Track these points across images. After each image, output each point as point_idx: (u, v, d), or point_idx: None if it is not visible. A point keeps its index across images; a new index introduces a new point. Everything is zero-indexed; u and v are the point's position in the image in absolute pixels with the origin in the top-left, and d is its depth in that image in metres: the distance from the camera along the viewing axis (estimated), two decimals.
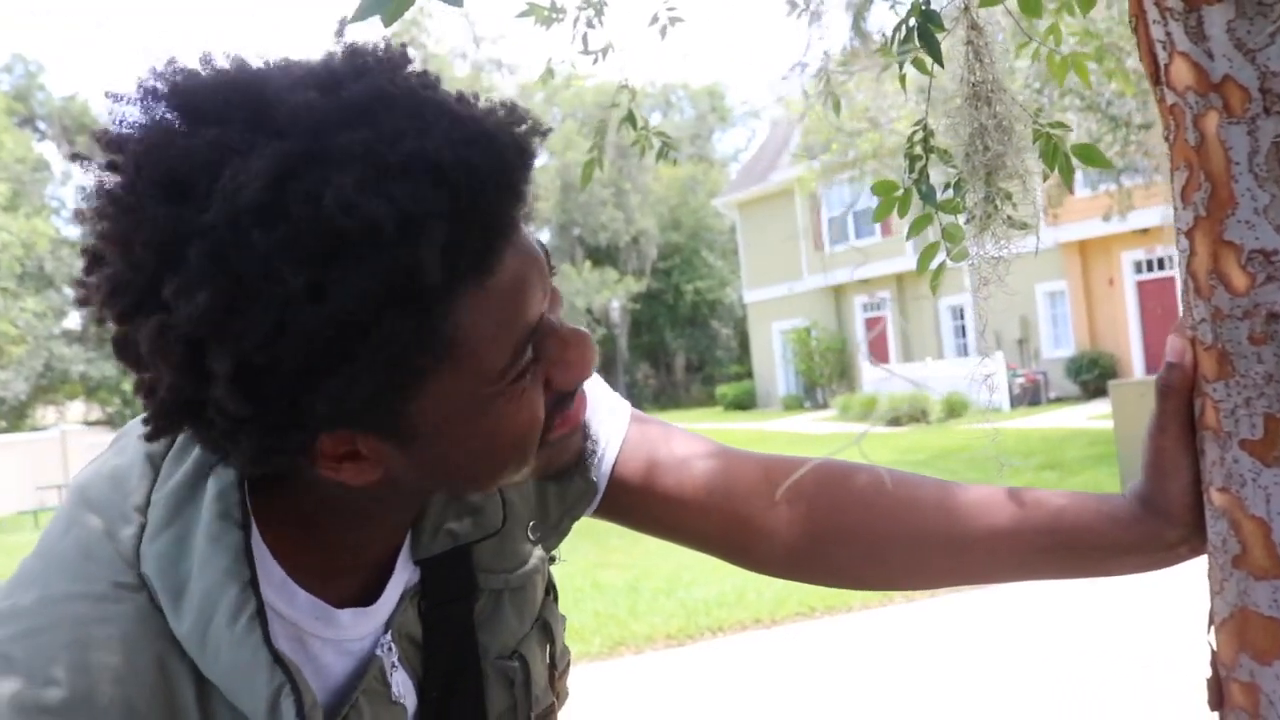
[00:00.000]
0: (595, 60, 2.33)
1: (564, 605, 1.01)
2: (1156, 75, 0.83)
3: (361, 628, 0.92)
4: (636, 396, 39.44)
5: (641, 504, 1.08)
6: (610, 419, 1.09)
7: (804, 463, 1.07)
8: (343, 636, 0.91)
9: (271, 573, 0.86)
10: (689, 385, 41.26)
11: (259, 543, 0.86)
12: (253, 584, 0.80)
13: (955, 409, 20.27)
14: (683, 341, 40.90)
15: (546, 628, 1.08)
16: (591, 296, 35.97)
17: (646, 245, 39.91)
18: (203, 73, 0.76)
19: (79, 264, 0.79)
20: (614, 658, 6.36)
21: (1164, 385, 0.85)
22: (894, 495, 1.02)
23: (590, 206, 38.61)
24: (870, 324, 28.15)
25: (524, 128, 0.78)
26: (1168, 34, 0.80)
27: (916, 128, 1.49)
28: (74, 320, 33.87)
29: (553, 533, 1.08)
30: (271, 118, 0.72)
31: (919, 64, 1.43)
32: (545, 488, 1.05)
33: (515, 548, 1.03)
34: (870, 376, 24.80)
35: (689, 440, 1.10)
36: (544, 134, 0.80)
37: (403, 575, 0.96)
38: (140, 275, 0.71)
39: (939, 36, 1.37)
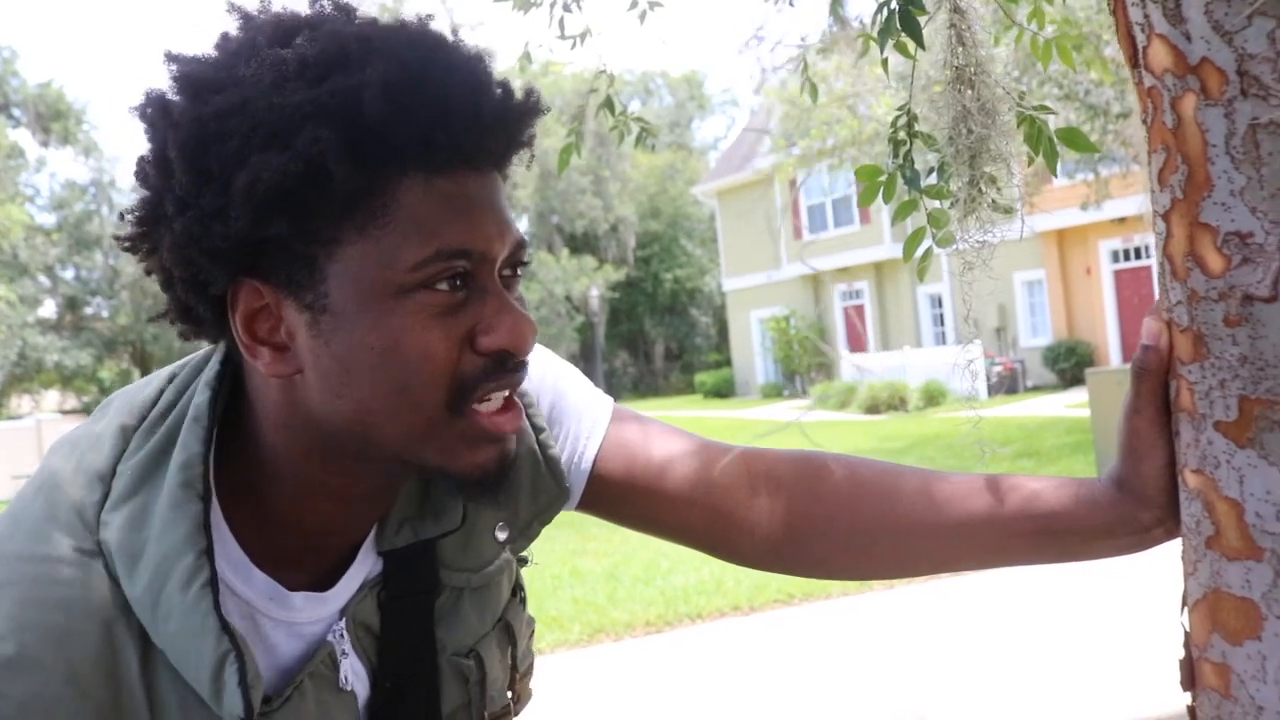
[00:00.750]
0: (573, 45, 2.32)
1: (542, 593, 1.01)
2: (1135, 58, 0.83)
3: (314, 612, 0.93)
4: (615, 385, 39.44)
5: (622, 499, 1.08)
6: (590, 414, 1.09)
7: (785, 454, 1.08)
8: (295, 619, 0.92)
9: (230, 550, 0.88)
10: (668, 373, 41.27)
11: (219, 519, 0.88)
12: (208, 553, 0.82)
13: (934, 397, 20.34)
14: (662, 330, 40.89)
15: (509, 629, 1.08)
16: (570, 284, 35.89)
17: (625, 233, 39.85)
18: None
19: (53, 252, 0.83)
20: (593, 645, 6.36)
21: (1139, 367, 0.85)
22: (872, 485, 1.03)
23: (569, 194, 38.51)
24: (849, 314, 28.20)
25: (514, 87, 0.86)
26: (1146, 16, 0.80)
27: (900, 112, 1.49)
28: (49, 309, 33.72)
29: (522, 535, 1.07)
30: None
31: (901, 48, 1.43)
32: (518, 489, 1.04)
33: (480, 547, 1.03)
34: (848, 365, 24.84)
35: (669, 435, 1.10)
36: (536, 102, 0.87)
37: (364, 566, 0.97)
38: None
39: (920, 20, 1.37)
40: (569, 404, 1.09)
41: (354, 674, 0.95)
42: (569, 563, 8.23)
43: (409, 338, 0.81)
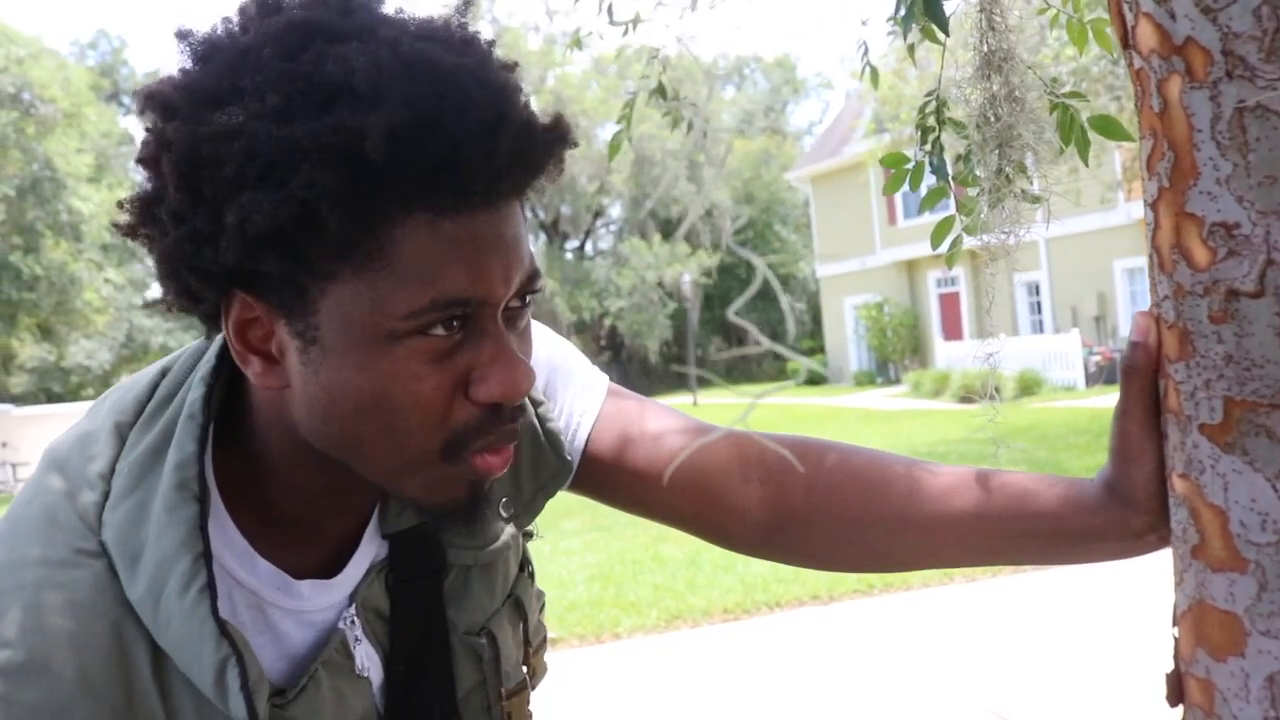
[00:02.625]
0: (625, 32, 2.29)
1: (623, 578, 1.00)
2: (1126, 39, 0.78)
3: (323, 599, 0.92)
4: (707, 370, 39.32)
5: (615, 480, 1.07)
6: (586, 393, 1.08)
7: (778, 439, 1.05)
8: (303, 607, 0.91)
9: (233, 541, 0.87)
10: (760, 360, 41.07)
11: (221, 511, 0.87)
12: (205, 557, 0.81)
13: (1029, 386, 19.95)
14: (755, 315, 40.64)
15: (519, 605, 1.07)
16: (663, 270, 35.86)
17: (720, 219, 39.72)
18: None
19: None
20: (671, 631, 6.36)
21: (1128, 365, 0.81)
22: (863, 476, 1.00)
23: (663, 180, 38.47)
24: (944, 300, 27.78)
25: (545, 123, 0.80)
26: None
27: (928, 98, 1.45)
28: (155, 291, 34.57)
29: (525, 510, 1.07)
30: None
31: (929, 33, 1.38)
32: (519, 465, 1.04)
33: (485, 524, 1.02)
34: (943, 353, 24.48)
35: (663, 416, 1.08)
36: (564, 132, 0.81)
37: (369, 549, 0.96)
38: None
39: (950, 4, 1.32)
40: (563, 379, 1.08)
41: (367, 659, 0.95)
42: (651, 549, 8.23)
43: (398, 385, 0.78)
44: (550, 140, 0.80)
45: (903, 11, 1.39)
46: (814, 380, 31.63)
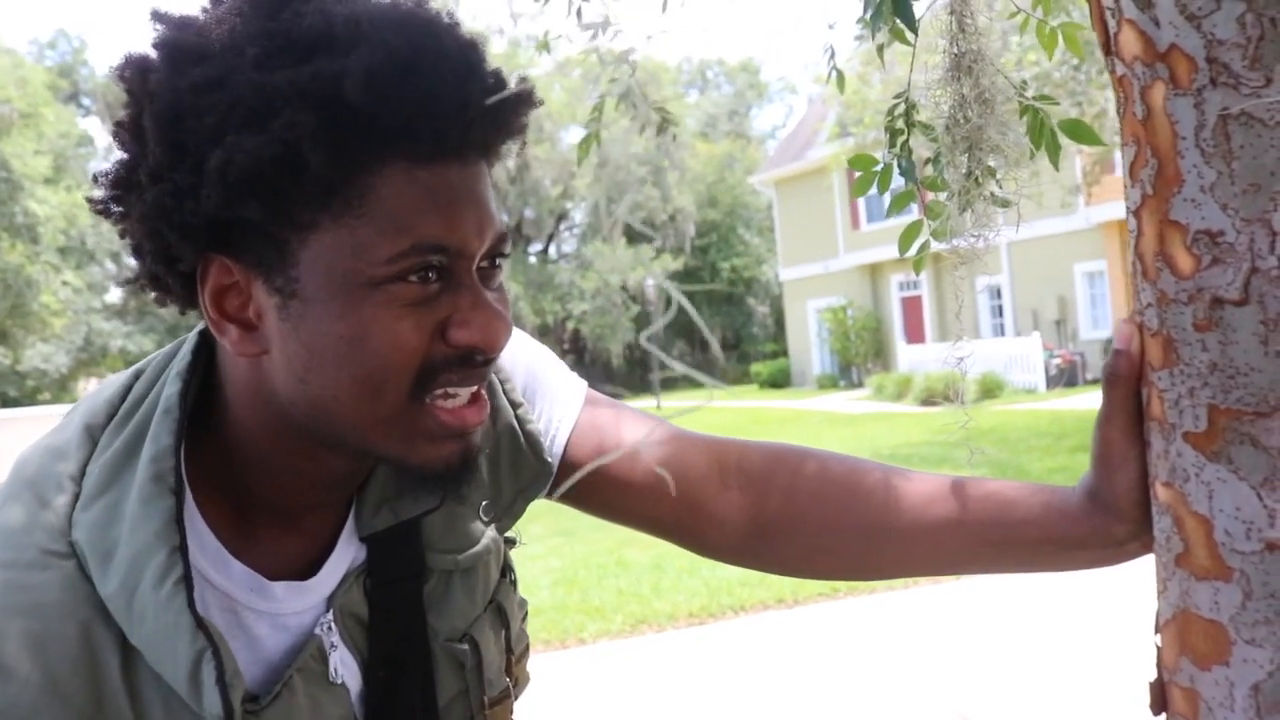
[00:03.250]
0: (593, 35, 2.28)
1: (588, 582, 0.99)
2: (1108, 45, 0.78)
3: (297, 602, 0.91)
4: (671, 374, 39.35)
5: (594, 487, 1.06)
6: (564, 398, 1.07)
7: (757, 446, 1.05)
8: (278, 610, 0.90)
9: (205, 541, 0.86)
10: (724, 363, 41.17)
11: (193, 510, 0.86)
12: (181, 549, 0.80)
13: (990, 389, 20.08)
14: (718, 319, 40.77)
15: (500, 611, 1.06)
16: (626, 274, 35.87)
17: (684, 223, 39.77)
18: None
19: (119, 239, 0.83)
20: (636, 635, 6.35)
21: (1110, 373, 0.80)
22: (843, 484, 0.99)
23: (627, 184, 38.49)
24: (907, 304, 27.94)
25: (500, 76, 0.82)
26: (1117, 1, 0.75)
27: (898, 100, 1.44)
28: (114, 295, 34.27)
29: (506, 514, 1.06)
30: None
31: (899, 34, 1.38)
32: (498, 467, 1.03)
33: (465, 527, 1.01)
34: (905, 356, 24.61)
35: (641, 422, 1.08)
36: (529, 92, 0.85)
37: (346, 553, 0.95)
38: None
39: (920, 5, 1.32)
40: (542, 385, 1.08)
41: (344, 666, 0.93)
42: (615, 553, 8.22)
43: (378, 328, 0.79)
44: (518, 97, 0.83)
45: (871, 11, 1.38)
46: (777, 383, 31.71)
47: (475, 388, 0.86)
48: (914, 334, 27.18)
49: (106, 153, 36.72)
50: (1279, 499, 0.69)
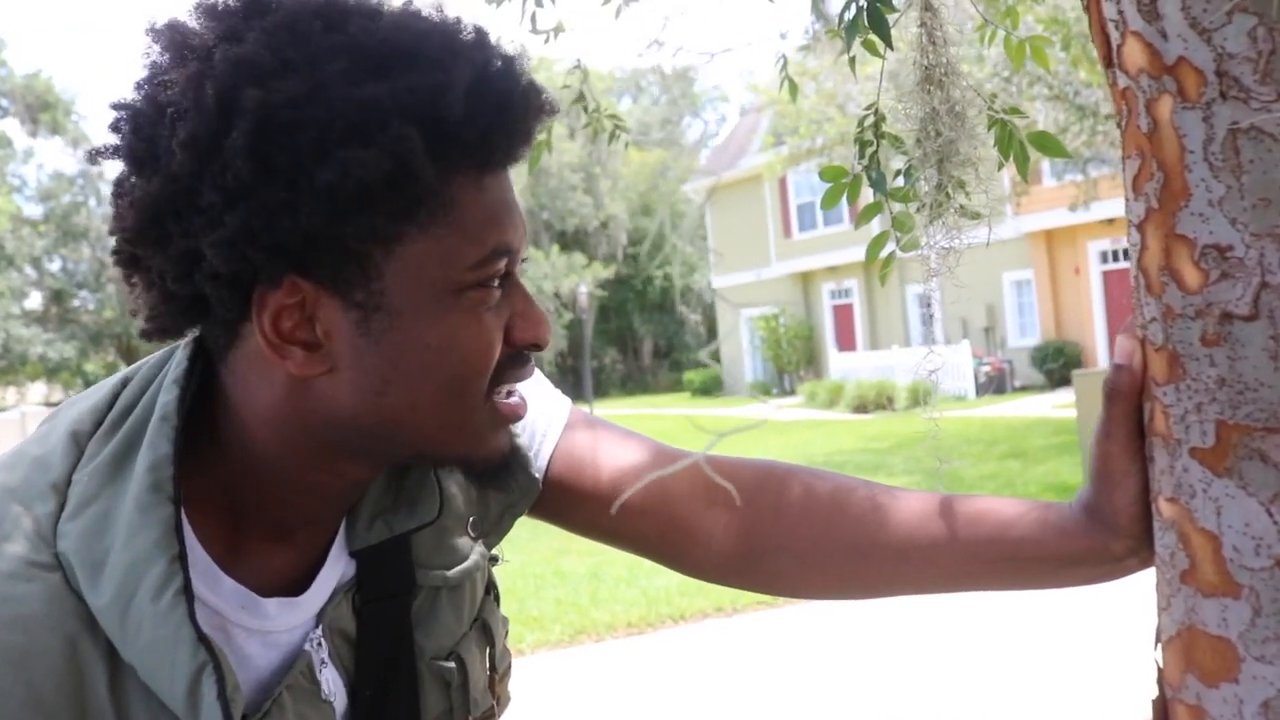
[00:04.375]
0: (546, 40, 2.26)
1: (525, 593, 0.98)
2: (1109, 57, 0.78)
3: (289, 619, 0.89)
4: (603, 382, 39.40)
5: (577, 505, 1.04)
6: (546, 415, 1.05)
7: (744, 464, 1.03)
8: (269, 628, 0.87)
9: (197, 556, 0.83)
10: (656, 371, 41.23)
11: (185, 524, 0.82)
12: (180, 559, 0.77)
13: (920, 397, 20.30)
14: (650, 327, 40.84)
15: (486, 629, 1.04)
16: (559, 281, 35.79)
17: (616, 231, 39.78)
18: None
19: (39, 243, 0.79)
20: (574, 646, 6.32)
21: (1111, 388, 0.80)
22: (833, 502, 0.98)
23: (560, 191, 38.43)
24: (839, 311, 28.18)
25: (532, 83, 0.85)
26: (1120, 12, 0.75)
27: (868, 112, 1.44)
28: (35, 301, 33.54)
29: (494, 529, 1.04)
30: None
31: (870, 46, 1.37)
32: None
33: (454, 543, 0.99)
34: (837, 364, 24.81)
35: (626, 439, 1.06)
36: (553, 102, 0.87)
37: (336, 568, 0.93)
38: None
39: (890, 18, 1.32)
40: (528, 400, 1.05)
41: (333, 683, 0.91)
42: (552, 563, 8.18)
43: (466, 334, 0.82)
44: (551, 103, 0.86)
45: (845, 25, 1.38)
46: (709, 391, 31.82)
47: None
48: (845, 342, 27.42)
49: (26, 155, 35.95)
50: None
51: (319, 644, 0.90)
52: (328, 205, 0.75)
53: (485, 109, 0.78)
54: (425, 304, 0.80)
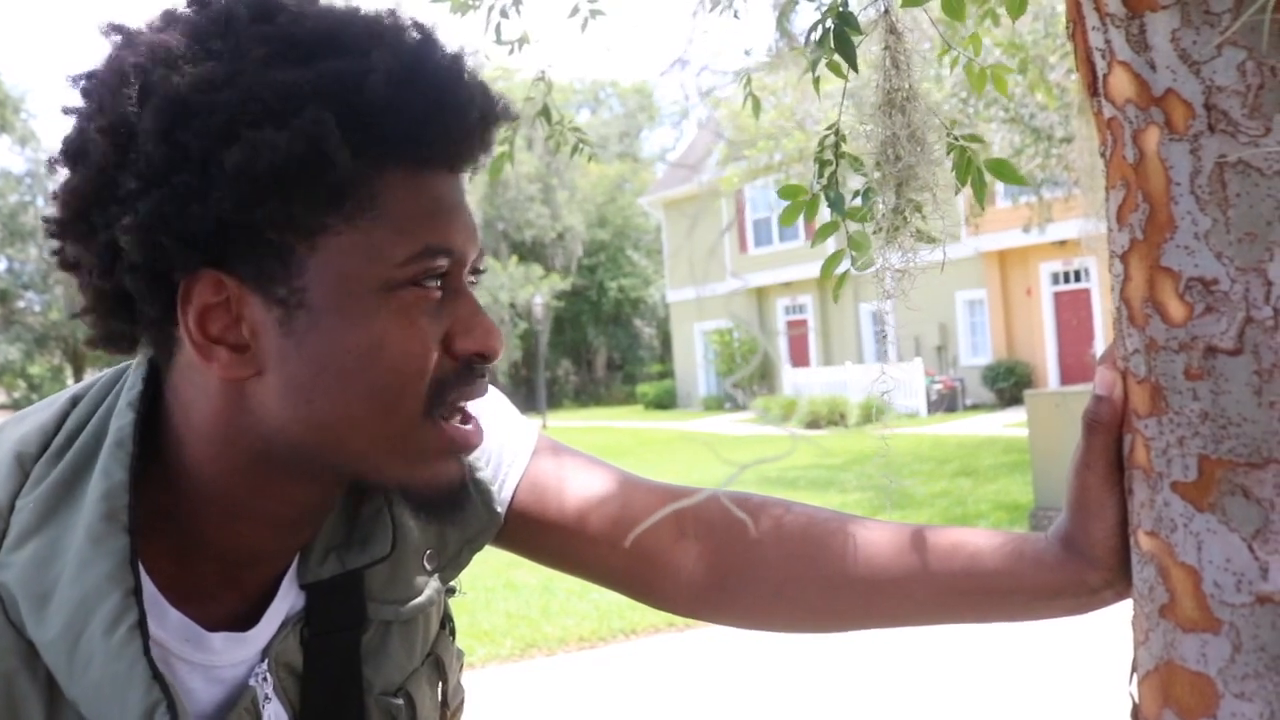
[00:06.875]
0: (510, 51, 2.24)
1: (475, 605, 0.95)
2: (1094, 86, 0.77)
3: (235, 654, 0.85)
4: (557, 393, 39.32)
5: (542, 536, 1.02)
6: (512, 445, 1.02)
7: (708, 492, 1.01)
8: (213, 662, 0.84)
9: (143, 588, 0.79)
10: (610, 383, 41.19)
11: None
12: (135, 593, 0.75)
13: (873, 413, 20.42)
14: (605, 339, 40.82)
15: (439, 664, 1.01)
16: (515, 292, 35.67)
17: (572, 242, 39.74)
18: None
19: None
20: (525, 659, 6.28)
21: (1091, 419, 0.79)
22: (806, 535, 0.96)
23: (517, 202, 38.34)
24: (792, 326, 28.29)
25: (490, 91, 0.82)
26: (1107, 41, 0.74)
27: (828, 132, 1.44)
28: None
29: (451, 564, 1.01)
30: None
31: (835, 67, 1.37)
32: None
33: (408, 578, 0.95)
34: (791, 379, 24.91)
35: (594, 469, 1.03)
36: (508, 106, 0.84)
37: (285, 601, 0.89)
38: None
39: (855, 40, 1.32)
40: (492, 428, 1.02)
41: (277, 719, 0.88)
42: (503, 575, 8.12)
43: (393, 337, 0.77)
44: (501, 112, 0.83)
45: (811, 46, 1.38)
46: (662, 404, 31.83)
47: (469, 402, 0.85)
48: (799, 357, 27.53)
49: None
50: (1271, 551, 0.68)
51: (264, 678, 0.87)
52: (238, 190, 0.72)
53: (416, 100, 0.75)
54: (349, 302, 0.76)
